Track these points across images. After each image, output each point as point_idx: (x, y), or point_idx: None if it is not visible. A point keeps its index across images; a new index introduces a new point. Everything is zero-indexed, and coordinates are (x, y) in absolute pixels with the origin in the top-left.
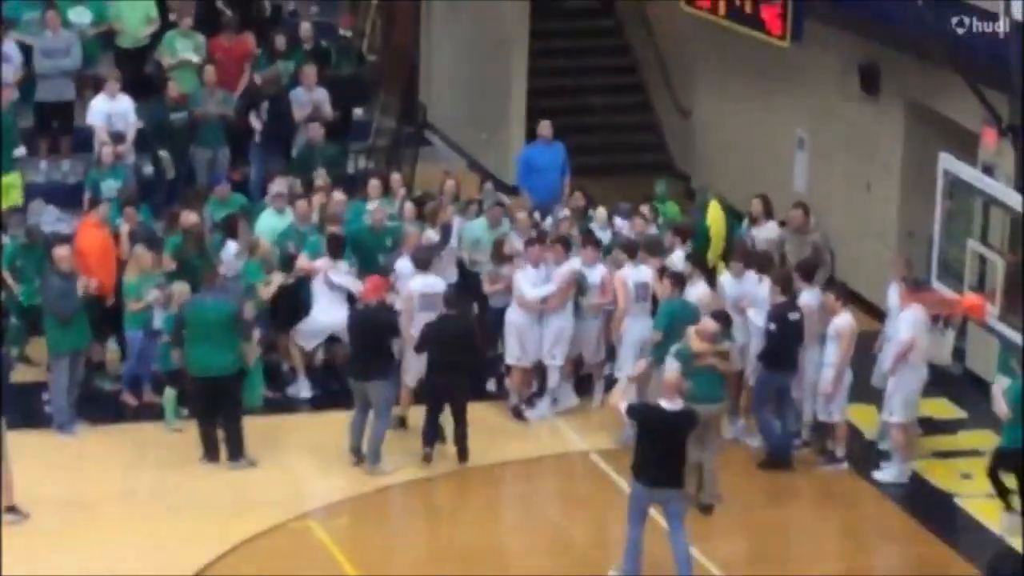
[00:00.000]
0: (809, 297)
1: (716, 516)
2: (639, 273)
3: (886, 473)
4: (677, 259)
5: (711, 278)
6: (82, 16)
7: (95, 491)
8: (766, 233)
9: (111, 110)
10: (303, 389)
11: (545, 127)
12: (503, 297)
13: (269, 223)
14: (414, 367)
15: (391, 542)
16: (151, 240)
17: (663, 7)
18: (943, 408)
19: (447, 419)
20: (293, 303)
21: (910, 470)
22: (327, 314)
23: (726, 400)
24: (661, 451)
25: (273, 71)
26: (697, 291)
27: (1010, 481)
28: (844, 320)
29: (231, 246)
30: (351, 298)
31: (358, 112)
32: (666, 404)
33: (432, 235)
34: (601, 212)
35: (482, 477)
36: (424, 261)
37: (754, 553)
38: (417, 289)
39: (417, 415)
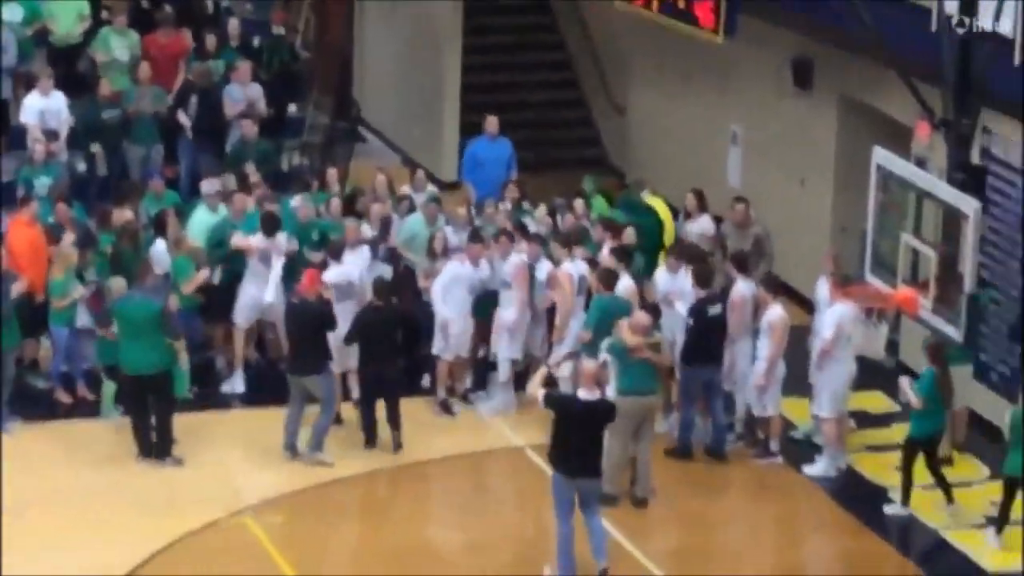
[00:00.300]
0: (743, 288)
1: (650, 510)
2: (578, 267)
3: (816, 467)
4: (606, 253)
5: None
6: (14, 13)
7: (30, 489)
8: (699, 227)
9: (44, 107)
10: (237, 384)
11: (492, 123)
12: None
13: (203, 220)
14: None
15: (326, 538)
16: (86, 237)
17: (597, 2)
18: (877, 401)
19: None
20: (226, 297)
21: (843, 463)
22: (259, 289)
23: (660, 392)
24: (578, 441)
25: (204, 66)
26: (622, 284)
27: (920, 474)
28: (776, 313)
29: (161, 243)
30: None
31: (292, 108)
32: (583, 394)
33: (367, 230)
34: (541, 209)
35: (417, 473)
36: (336, 251)
37: (688, 547)
38: (331, 279)
39: (348, 410)
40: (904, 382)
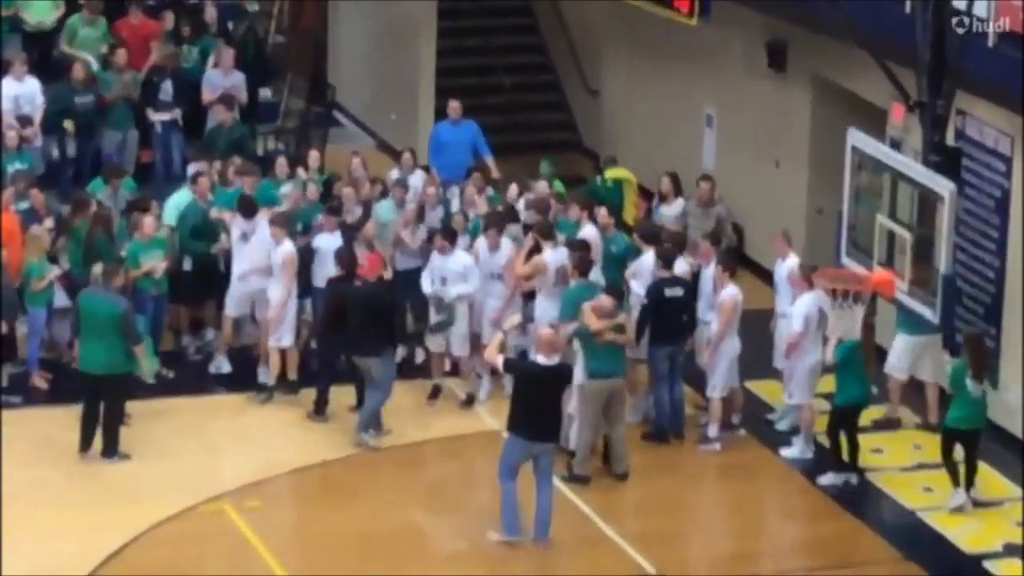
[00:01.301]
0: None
1: (625, 492)
2: (559, 256)
3: (792, 450)
4: (587, 233)
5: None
6: None
7: (7, 478)
8: (674, 211)
9: (18, 93)
10: (223, 365)
11: (454, 107)
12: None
13: (176, 200)
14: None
15: (304, 522)
16: (58, 223)
17: None
18: None
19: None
20: (197, 284)
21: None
22: (247, 278)
23: (627, 371)
24: (538, 406)
25: (170, 49)
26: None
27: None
28: (728, 292)
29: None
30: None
31: (265, 93)
32: (542, 360)
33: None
34: (513, 189)
35: (396, 457)
36: (283, 222)
37: (664, 529)
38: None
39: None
40: (831, 343)
